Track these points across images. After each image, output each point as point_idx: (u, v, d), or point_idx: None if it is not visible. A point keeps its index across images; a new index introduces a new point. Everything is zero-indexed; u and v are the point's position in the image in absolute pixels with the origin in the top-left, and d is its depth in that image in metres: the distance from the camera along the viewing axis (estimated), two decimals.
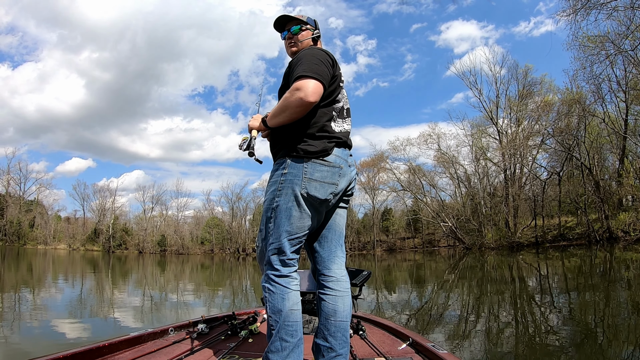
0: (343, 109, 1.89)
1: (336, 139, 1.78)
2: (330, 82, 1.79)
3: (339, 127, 1.84)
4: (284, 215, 1.69)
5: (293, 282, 1.71)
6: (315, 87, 1.66)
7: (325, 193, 1.70)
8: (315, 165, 1.70)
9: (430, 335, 4.90)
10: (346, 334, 1.75)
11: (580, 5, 13.92)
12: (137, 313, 7.04)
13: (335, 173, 1.74)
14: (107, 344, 2.03)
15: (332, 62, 1.81)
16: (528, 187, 33.44)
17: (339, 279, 1.81)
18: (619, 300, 7.04)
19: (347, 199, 1.96)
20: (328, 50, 1.91)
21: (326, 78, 1.72)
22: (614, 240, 23.92)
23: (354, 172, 1.91)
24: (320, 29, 2.10)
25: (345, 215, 1.97)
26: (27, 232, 55.40)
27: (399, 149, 39.57)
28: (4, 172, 54.68)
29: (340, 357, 1.72)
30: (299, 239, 1.73)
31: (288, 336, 1.63)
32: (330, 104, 1.82)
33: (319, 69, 1.70)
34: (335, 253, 1.87)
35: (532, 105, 32.41)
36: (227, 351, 2.25)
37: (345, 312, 1.76)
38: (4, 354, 4.15)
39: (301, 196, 1.68)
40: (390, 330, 2.75)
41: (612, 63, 21.86)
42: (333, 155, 1.74)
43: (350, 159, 1.88)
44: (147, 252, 52.16)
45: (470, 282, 11.59)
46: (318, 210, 1.75)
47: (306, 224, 1.71)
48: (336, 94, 1.84)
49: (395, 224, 48.75)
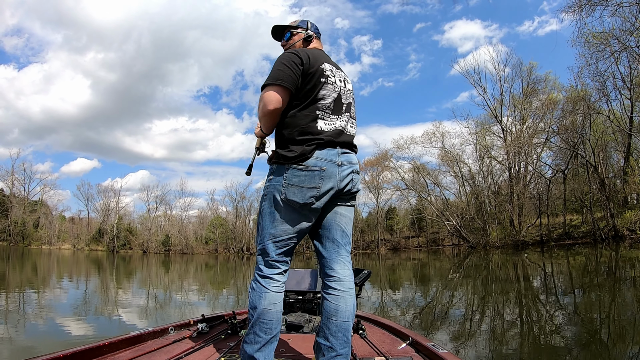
0: (333, 105, 1.84)
1: (318, 140, 1.75)
2: (306, 80, 1.79)
3: (329, 125, 1.80)
4: (267, 218, 1.78)
5: (274, 283, 1.76)
6: (270, 95, 1.72)
7: (304, 197, 1.72)
8: (293, 171, 1.73)
9: (434, 335, 4.88)
10: (347, 335, 1.74)
11: (586, 1, 13.83)
12: (141, 312, 7.07)
13: (316, 176, 1.72)
14: (107, 343, 2.04)
15: (300, 61, 1.79)
16: (533, 186, 33.26)
17: (341, 279, 1.81)
18: (624, 300, 6.99)
19: (349, 198, 1.90)
20: (316, 48, 2.00)
21: (288, 79, 1.74)
22: (619, 238, 23.76)
23: (349, 169, 1.82)
24: (318, 28, 2.12)
25: (349, 215, 1.92)
26: (31, 232, 55.75)
27: (403, 147, 39.50)
28: (9, 172, 55.12)
29: (341, 357, 1.71)
30: (284, 241, 1.77)
31: (262, 332, 1.70)
32: (312, 103, 1.79)
33: (280, 73, 1.74)
34: (338, 253, 1.86)
35: (537, 103, 32.24)
36: (227, 350, 2.24)
37: (347, 312, 1.76)
38: (9, 352, 4.18)
39: (281, 201, 1.74)
40: (390, 329, 2.74)
41: (617, 60, 21.71)
42: (313, 159, 1.73)
43: (342, 157, 1.81)
44: (152, 251, 52.36)
45: (475, 281, 11.55)
46: (302, 213, 1.76)
47: (290, 227, 1.76)
48: (317, 91, 1.80)
49: (400, 222, 48.66)
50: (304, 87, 1.78)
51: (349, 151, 1.87)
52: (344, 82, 1.93)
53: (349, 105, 1.93)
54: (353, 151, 1.91)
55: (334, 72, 1.90)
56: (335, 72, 1.91)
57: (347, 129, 1.90)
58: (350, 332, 1.77)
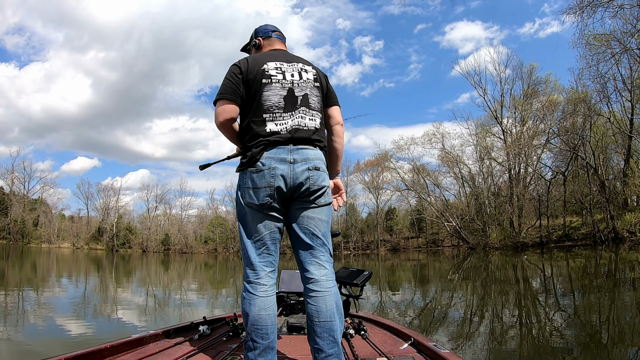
0: (284, 102, 1.83)
1: (265, 141, 1.77)
2: (249, 86, 1.83)
3: (280, 125, 1.79)
4: (240, 224, 1.85)
5: (260, 288, 1.77)
6: (217, 110, 1.82)
7: (260, 198, 1.76)
8: (248, 174, 1.78)
9: (433, 336, 4.88)
10: (334, 334, 1.72)
11: (587, 2, 13.84)
12: (140, 312, 7.07)
13: (266, 175, 1.75)
14: (108, 346, 2.03)
15: (239, 70, 1.85)
16: (533, 187, 33.26)
17: (317, 279, 1.78)
18: (624, 302, 6.99)
19: (313, 198, 1.81)
20: (272, 49, 2.03)
21: (230, 91, 1.82)
22: (619, 240, 23.77)
23: (303, 166, 1.77)
24: (278, 28, 2.14)
25: (317, 216, 1.83)
26: (31, 230, 55.75)
27: (403, 148, 39.51)
28: (8, 171, 55.12)
29: (331, 357, 1.71)
30: (260, 242, 1.80)
31: (258, 338, 1.71)
32: (259, 106, 1.81)
33: (222, 87, 1.84)
34: (312, 254, 1.82)
35: (537, 104, 32.23)
36: (229, 352, 2.24)
37: (328, 312, 1.73)
38: (8, 353, 4.17)
39: (245, 205, 1.81)
40: (391, 330, 2.74)
41: (617, 62, 21.79)
42: (263, 159, 1.76)
43: (296, 153, 1.78)
44: (151, 251, 52.36)
45: (474, 283, 11.55)
46: (265, 213, 1.79)
47: (259, 228, 1.79)
48: (260, 93, 1.81)
49: (399, 223, 48.63)
50: (248, 93, 1.82)
51: (307, 147, 1.82)
52: (298, 75, 1.89)
53: (305, 97, 1.87)
54: (316, 146, 1.85)
55: (284, 67, 1.88)
56: (285, 68, 1.88)
57: (305, 123, 1.84)
58: (337, 331, 1.74)
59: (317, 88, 1.93)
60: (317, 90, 1.93)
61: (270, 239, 1.81)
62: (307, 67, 1.95)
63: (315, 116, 1.88)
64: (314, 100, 1.90)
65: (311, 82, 1.92)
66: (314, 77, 1.94)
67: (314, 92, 1.92)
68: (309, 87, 1.90)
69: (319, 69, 2.01)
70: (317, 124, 1.88)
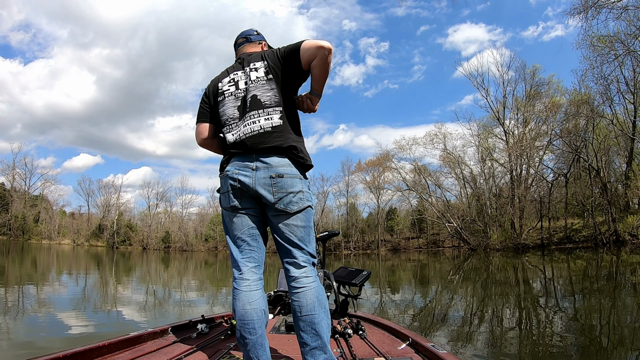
0: (238, 112, 1.89)
1: (228, 152, 1.90)
2: (213, 107, 1.99)
3: (234, 135, 1.86)
4: (224, 226, 1.98)
5: (244, 282, 1.83)
6: (195, 132, 2.05)
7: (226, 201, 1.88)
8: (221, 181, 1.93)
9: (433, 336, 4.87)
10: (317, 327, 1.74)
11: (591, 3, 13.80)
12: (139, 310, 7.06)
13: (229, 181, 1.85)
14: (107, 344, 2.03)
15: (205, 94, 2.04)
16: (534, 189, 33.24)
17: (297, 277, 1.82)
18: (624, 305, 6.96)
19: (285, 205, 1.79)
20: (242, 54, 2.08)
21: (200, 115, 2.03)
22: (620, 243, 23.72)
23: (265, 173, 1.77)
24: (255, 29, 2.18)
25: (292, 223, 1.81)
26: (31, 227, 55.92)
27: (405, 148, 39.58)
28: (10, 167, 55.26)
29: (315, 350, 1.73)
30: (239, 240, 1.88)
31: (246, 333, 1.75)
32: (221, 123, 1.95)
33: (198, 112, 2.06)
34: (291, 256, 1.85)
35: (540, 106, 32.24)
36: (227, 351, 2.24)
37: (309, 306, 1.76)
38: (8, 348, 4.17)
39: (222, 207, 1.96)
40: (390, 330, 2.73)
41: (621, 64, 21.74)
42: (229, 166, 1.87)
43: (258, 161, 1.79)
44: (151, 248, 52.47)
45: (475, 284, 11.53)
46: (238, 214, 1.88)
47: (236, 227, 1.88)
48: (219, 110, 1.95)
49: (400, 223, 48.67)
50: (215, 113, 1.99)
51: (269, 154, 1.80)
52: (248, 77, 1.89)
53: (254, 98, 1.84)
54: (278, 150, 1.79)
55: (237, 77, 1.92)
56: (239, 76, 1.92)
57: (259, 125, 1.81)
58: (320, 324, 1.74)
59: (270, 81, 1.86)
60: (271, 83, 1.86)
61: (248, 235, 1.88)
62: (258, 64, 1.89)
63: (271, 113, 1.82)
64: (267, 96, 1.84)
65: (262, 78, 1.87)
66: (265, 71, 1.87)
67: (267, 87, 1.85)
68: (259, 85, 1.86)
69: (271, 53, 1.91)
70: (274, 120, 1.81)
